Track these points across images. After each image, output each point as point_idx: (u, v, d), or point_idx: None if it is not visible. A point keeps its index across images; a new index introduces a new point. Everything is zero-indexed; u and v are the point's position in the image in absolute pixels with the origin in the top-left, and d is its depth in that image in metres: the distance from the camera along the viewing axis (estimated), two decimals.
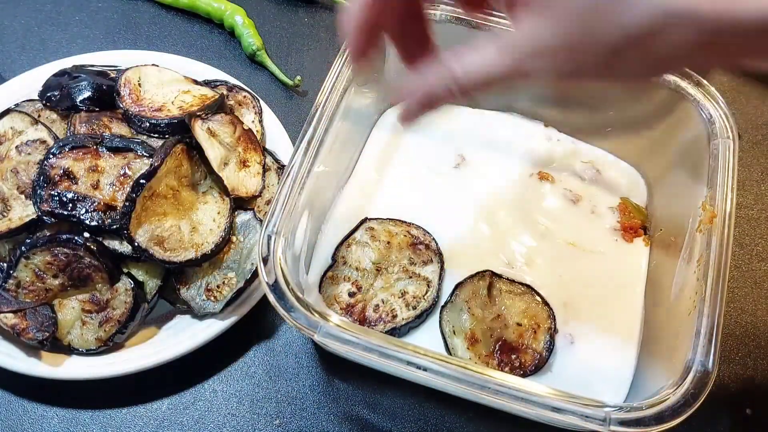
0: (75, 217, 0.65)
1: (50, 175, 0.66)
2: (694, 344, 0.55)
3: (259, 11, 0.96)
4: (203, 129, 0.72)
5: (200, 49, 0.93)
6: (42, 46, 0.92)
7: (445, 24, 0.73)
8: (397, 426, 0.67)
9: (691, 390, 0.53)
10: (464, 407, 0.67)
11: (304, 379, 0.69)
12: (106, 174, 0.67)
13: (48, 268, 0.65)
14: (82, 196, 0.66)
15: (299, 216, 0.62)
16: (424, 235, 0.70)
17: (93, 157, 0.67)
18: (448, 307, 0.66)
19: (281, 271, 0.56)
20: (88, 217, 0.65)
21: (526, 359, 0.64)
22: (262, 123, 0.80)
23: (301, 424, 0.67)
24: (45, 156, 0.67)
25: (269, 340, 0.71)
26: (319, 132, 0.64)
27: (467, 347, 0.64)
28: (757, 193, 0.85)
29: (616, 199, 0.75)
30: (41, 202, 0.65)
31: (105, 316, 0.65)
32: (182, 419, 0.66)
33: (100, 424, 0.66)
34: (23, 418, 0.66)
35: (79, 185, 0.66)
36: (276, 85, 0.90)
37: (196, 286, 0.68)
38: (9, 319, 0.64)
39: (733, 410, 0.69)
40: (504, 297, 0.67)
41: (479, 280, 0.67)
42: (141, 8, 0.96)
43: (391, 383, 0.68)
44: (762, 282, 0.78)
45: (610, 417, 0.51)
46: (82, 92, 0.73)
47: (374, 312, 0.66)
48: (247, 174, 0.74)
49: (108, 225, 0.65)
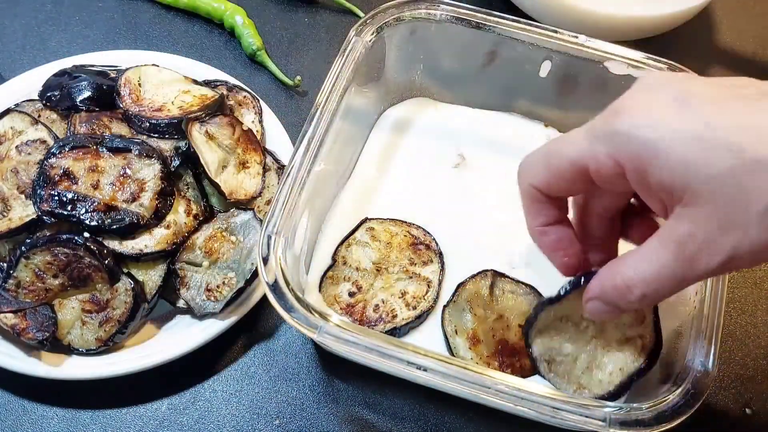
0: (75, 217, 0.65)
1: (50, 175, 0.66)
2: (694, 344, 0.55)
3: (259, 11, 0.96)
4: (201, 132, 0.72)
5: (200, 49, 0.93)
6: (42, 46, 0.92)
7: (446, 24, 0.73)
8: (397, 426, 0.67)
9: (691, 390, 0.53)
10: (464, 407, 0.67)
11: (304, 379, 0.69)
12: (106, 174, 0.67)
13: (48, 268, 0.65)
14: (82, 196, 0.66)
15: (299, 216, 0.62)
16: (425, 235, 0.70)
17: (93, 157, 0.67)
18: (451, 306, 0.66)
19: (281, 271, 0.57)
20: (88, 217, 0.65)
21: (527, 362, 0.64)
22: (262, 123, 0.80)
23: (301, 424, 0.67)
24: (45, 156, 0.67)
25: (269, 340, 0.71)
26: (319, 132, 0.64)
27: (469, 347, 0.64)
28: None
29: None
30: (41, 201, 0.65)
31: (105, 316, 0.65)
32: (182, 419, 0.66)
33: (100, 424, 0.66)
34: (23, 418, 0.66)
35: (79, 185, 0.66)
36: (276, 85, 0.90)
37: (196, 286, 0.68)
38: (9, 319, 0.64)
39: (733, 410, 0.69)
40: (507, 297, 0.67)
41: (481, 279, 0.67)
42: (141, 8, 0.96)
43: (391, 383, 0.68)
44: (762, 282, 0.78)
45: (610, 417, 0.51)
46: (82, 92, 0.73)
47: (374, 312, 0.66)
48: (246, 175, 0.74)
49: (107, 225, 0.65)
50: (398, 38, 0.75)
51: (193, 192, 0.71)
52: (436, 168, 0.77)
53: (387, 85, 0.79)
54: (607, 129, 0.44)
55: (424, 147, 0.78)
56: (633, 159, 0.42)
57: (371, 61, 0.73)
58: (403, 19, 0.73)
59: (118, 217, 0.65)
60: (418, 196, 0.75)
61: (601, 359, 0.58)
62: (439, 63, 0.79)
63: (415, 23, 0.74)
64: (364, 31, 0.71)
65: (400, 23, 0.73)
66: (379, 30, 0.72)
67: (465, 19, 0.73)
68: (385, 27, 0.72)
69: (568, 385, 0.59)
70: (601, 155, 0.44)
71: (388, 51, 0.76)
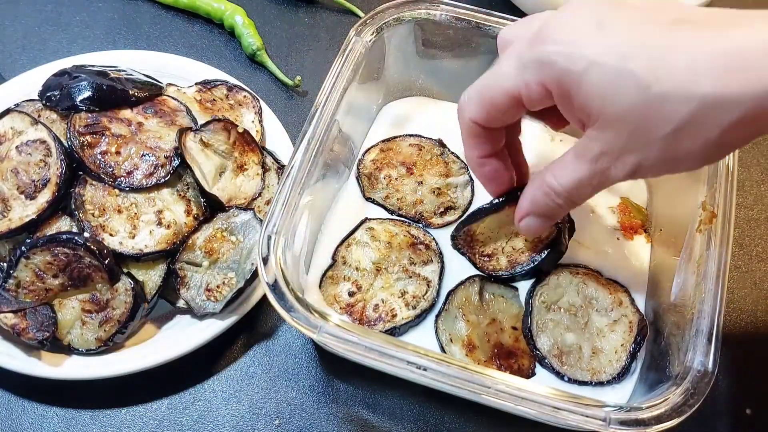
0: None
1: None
2: (694, 344, 0.55)
3: (259, 11, 0.96)
4: (195, 141, 0.72)
5: (200, 49, 0.93)
6: (42, 46, 0.92)
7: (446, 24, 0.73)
8: (396, 426, 0.67)
9: (691, 390, 0.53)
10: (464, 407, 0.67)
11: (303, 379, 0.69)
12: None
13: (48, 268, 0.65)
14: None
15: (299, 216, 0.62)
16: (424, 235, 0.70)
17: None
18: (443, 315, 0.66)
19: (281, 271, 0.56)
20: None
21: (525, 363, 0.64)
22: (262, 123, 0.80)
23: (300, 424, 0.67)
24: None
25: (269, 340, 0.71)
26: (319, 132, 0.64)
27: (465, 354, 0.64)
28: (756, 193, 0.85)
29: (616, 199, 0.75)
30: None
31: (105, 316, 0.65)
32: (182, 419, 0.66)
33: (100, 424, 0.66)
34: (23, 418, 0.66)
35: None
36: (276, 85, 0.90)
37: (196, 286, 0.68)
38: (9, 319, 0.64)
39: (733, 410, 0.69)
40: (497, 301, 0.67)
41: (470, 285, 0.67)
42: (141, 8, 0.96)
43: (391, 383, 0.68)
44: (762, 282, 0.78)
45: (610, 417, 0.51)
46: (82, 92, 0.73)
47: (374, 312, 0.66)
48: (245, 178, 0.74)
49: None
50: (398, 38, 0.75)
51: (193, 192, 0.71)
52: None
53: (387, 84, 0.79)
54: (534, 57, 0.49)
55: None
56: (559, 85, 0.48)
57: (371, 61, 0.73)
58: (403, 19, 0.73)
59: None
60: None
61: (602, 344, 0.64)
62: (439, 63, 0.79)
63: (415, 23, 0.74)
64: (364, 31, 0.71)
65: (400, 23, 0.73)
66: (379, 30, 0.72)
67: (465, 19, 0.73)
68: (385, 27, 0.72)
69: (583, 372, 0.63)
70: (532, 84, 0.49)
71: (388, 51, 0.76)
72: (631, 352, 0.63)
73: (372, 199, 0.73)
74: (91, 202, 0.68)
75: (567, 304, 0.66)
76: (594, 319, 0.65)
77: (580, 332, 0.65)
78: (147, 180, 0.70)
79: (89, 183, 0.69)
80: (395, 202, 0.73)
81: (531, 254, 0.66)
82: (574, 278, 0.67)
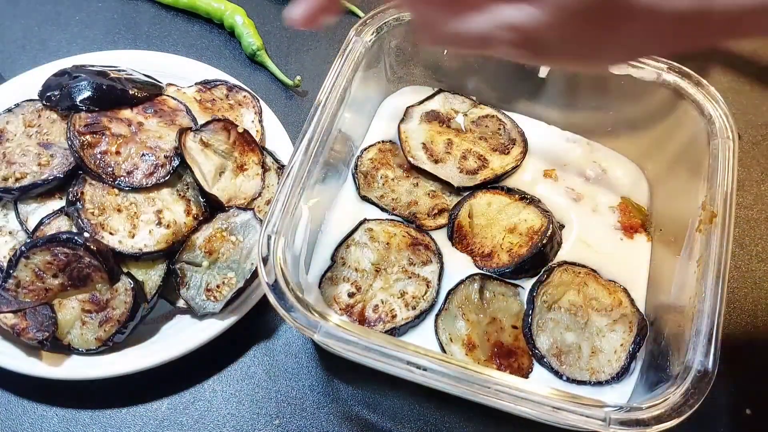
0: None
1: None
2: (694, 344, 0.55)
3: (259, 11, 0.96)
4: (195, 141, 0.72)
5: (200, 49, 0.93)
6: (42, 46, 0.92)
7: None
8: (396, 426, 0.67)
9: (691, 390, 0.53)
10: (464, 407, 0.67)
11: (303, 379, 0.69)
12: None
13: (48, 268, 0.65)
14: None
15: (299, 216, 0.62)
16: (423, 236, 0.70)
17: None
18: (442, 315, 0.66)
19: (281, 271, 0.56)
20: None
21: (525, 362, 0.64)
22: (262, 123, 0.80)
23: (300, 424, 0.67)
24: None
25: (269, 340, 0.71)
26: (319, 132, 0.64)
27: (465, 353, 0.64)
28: (756, 193, 0.85)
29: (616, 198, 0.75)
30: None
31: (105, 316, 0.65)
32: (182, 419, 0.66)
33: (100, 424, 0.66)
34: (23, 418, 0.66)
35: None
36: (276, 85, 0.90)
37: (196, 286, 0.68)
38: (9, 319, 0.64)
39: (733, 410, 0.69)
40: (497, 299, 0.67)
41: (470, 284, 0.67)
42: (141, 8, 0.96)
43: (391, 383, 0.68)
44: (762, 282, 0.78)
45: (610, 417, 0.51)
46: (82, 92, 0.73)
47: (374, 312, 0.66)
48: (245, 178, 0.74)
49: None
50: (398, 38, 0.75)
51: (193, 192, 0.71)
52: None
53: (387, 84, 0.79)
54: None
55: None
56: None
57: (371, 61, 0.73)
58: (403, 19, 0.73)
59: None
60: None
61: (601, 344, 0.64)
62: (439, 63, 0.79)
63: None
64: (364, 31, 0.71)
65: (400, 23, 0.73)
66: (379, 30, 0.72)
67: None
68: (385, 27, 0.72)
69: (581, 372, 0.63)
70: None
71: (388, 51, 0.76)
72: (630, 352, 0.63)
73: (367, 198, 0.73)
74: (91, 201, 0.68)
75: (568, 303, 0.66)
76: (594, 318, 0.66)
77: (579, 332, 0.65)
78: (147, 180, 0.70)
79: (89, 182, 0.69)
80: (390, 202, 0.73)
81: (531, 243, 0.66)
82: (576, 278, 0.67)
